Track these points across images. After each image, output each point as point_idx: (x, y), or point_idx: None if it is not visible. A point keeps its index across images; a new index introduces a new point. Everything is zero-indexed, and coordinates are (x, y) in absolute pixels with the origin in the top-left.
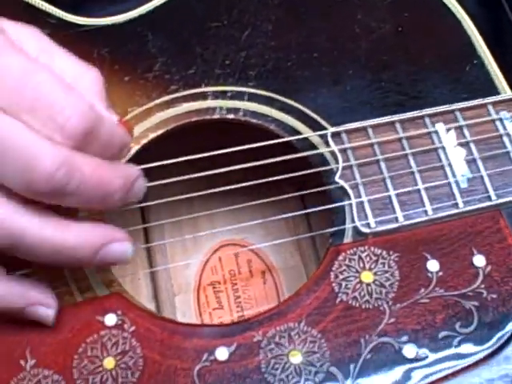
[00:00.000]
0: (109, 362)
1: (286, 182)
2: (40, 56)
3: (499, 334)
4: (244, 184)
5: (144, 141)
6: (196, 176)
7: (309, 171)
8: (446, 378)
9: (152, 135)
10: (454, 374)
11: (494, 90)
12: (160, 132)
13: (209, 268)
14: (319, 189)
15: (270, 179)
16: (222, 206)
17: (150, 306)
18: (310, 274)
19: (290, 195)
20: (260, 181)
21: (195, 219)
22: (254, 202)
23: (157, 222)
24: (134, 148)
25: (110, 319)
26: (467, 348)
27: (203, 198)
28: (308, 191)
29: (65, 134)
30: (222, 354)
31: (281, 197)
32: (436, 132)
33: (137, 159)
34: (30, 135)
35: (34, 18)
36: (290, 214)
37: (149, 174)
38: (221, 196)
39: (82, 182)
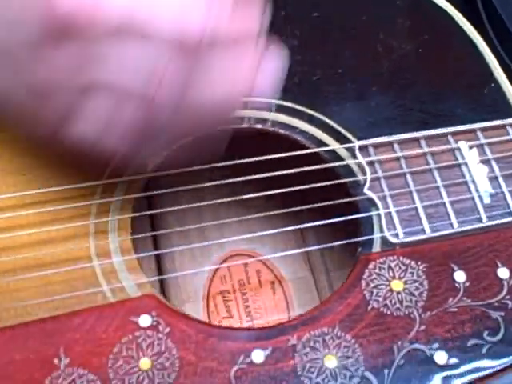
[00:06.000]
0: (145, 363)
1: (306, 195)
2: None
3: None
4: (266, 193)
5: (173, 146)
6: (216, 184)
7: (337, 181)
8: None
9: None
10: (482, 380)
11: None
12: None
13: (218, 277)
14: (348, 199)
15: (296, 188)
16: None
17: None
18: (319, 285)
19: (316, 205)
20: (284, 190)
21: (203, 229)
22: (270, 213)
23: (166, 230)
24: (163, 153)
25: (145, 320)
26: (495, 355)
27: (213, 209)
28: (336, 201)
29: None
30: (257, 356)
31: (299, 207)
32: (459, 149)
33: (164, 166)
34: None
35: None
36: (317, 223)
37: (166, 184)
38: (233, 209)
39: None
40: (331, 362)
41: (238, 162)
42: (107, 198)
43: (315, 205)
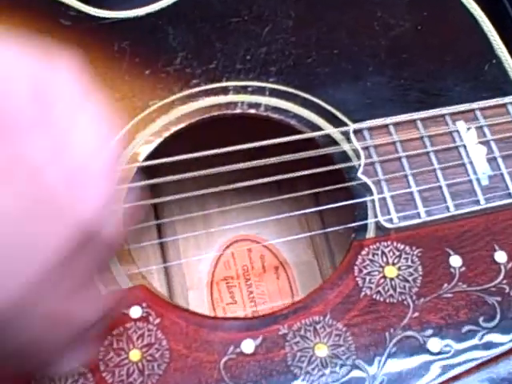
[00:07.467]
0: (135, 355)
1: (301, 178)
2: (65, 115)
3: None
4: (260, 181)
5: (166, 134)
6: (211, 172)
7: (331, 167)
8: (469, 371)
9: (174, 128)
10: (478, 367)
11: None
12: (182, 126)
13: (222, 263)
14: (342, 185)
15: (289, 175)
16: (236, 202)
17: None
18: (324, 269)
19: (307, 192)
20: (277, 177)
21: (208, 216)
22: (269, 199)
23: (170, 219)
24: (156, 141)
25: (136, 312)
26: (490, 342)
27: (216, 195)
28: (329, 187)
29: None
30: (247, 346)
31: (297, 194)
32: (457, 130)
33: (158, 152)
34: None
35: (54, 10)
36: (307, 211)
37: (166, 171)
38: (234, 193)
39: None
40: (322, 351)
41: (234, 148)
42: None
43: (312, 191)
